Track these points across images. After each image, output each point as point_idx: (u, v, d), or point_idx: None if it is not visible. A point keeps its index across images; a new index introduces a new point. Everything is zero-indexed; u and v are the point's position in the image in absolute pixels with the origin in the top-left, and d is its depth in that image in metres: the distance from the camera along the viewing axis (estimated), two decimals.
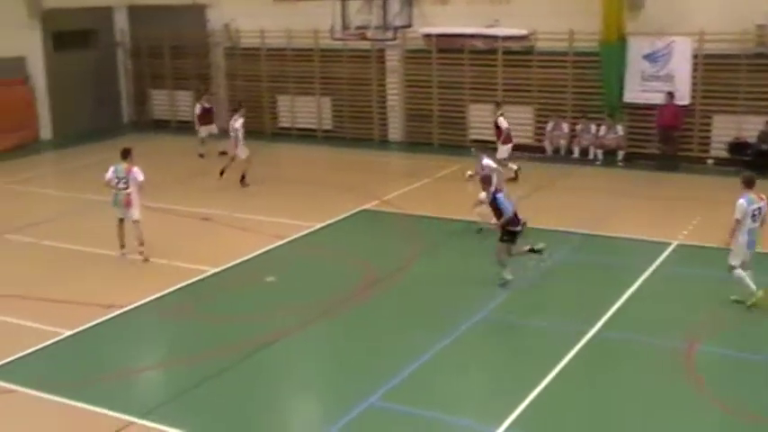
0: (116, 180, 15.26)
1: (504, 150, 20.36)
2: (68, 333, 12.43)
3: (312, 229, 17.18)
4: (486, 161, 16.71)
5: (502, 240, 13.90)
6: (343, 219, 17.91)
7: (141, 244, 15.43)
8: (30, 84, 26.25)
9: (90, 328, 12.65)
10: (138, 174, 15.23)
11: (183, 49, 28.14)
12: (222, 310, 13.43)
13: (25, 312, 13.10)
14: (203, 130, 24.00)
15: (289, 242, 16.47)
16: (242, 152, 20.38)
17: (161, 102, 29.08)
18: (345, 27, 23.16)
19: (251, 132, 25.90)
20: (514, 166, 20.41)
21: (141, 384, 11.51)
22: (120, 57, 29.42)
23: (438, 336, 12.14)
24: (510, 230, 13.79)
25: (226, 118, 22.87)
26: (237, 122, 20.38)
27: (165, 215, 18.33)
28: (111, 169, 15.34)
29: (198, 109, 24.31)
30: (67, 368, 11.59)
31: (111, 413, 10.18)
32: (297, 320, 12.87)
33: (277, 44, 26.55)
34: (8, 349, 11.82)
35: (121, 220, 15.57)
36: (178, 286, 14.18)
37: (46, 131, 26.80)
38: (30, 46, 26.26)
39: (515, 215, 13.85)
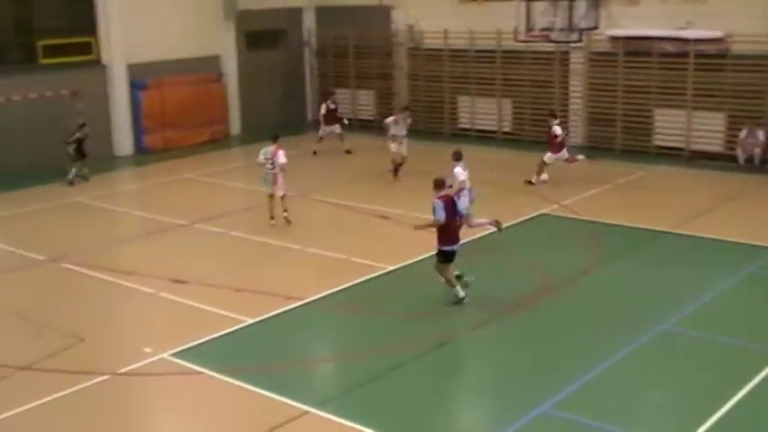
0: (265, 160, 17.20)
1: (551, 157, 20.39)
2: (251, 321, 12.92)
3: (488, 232, 17.03)
4: (458, 169, 15.53)
5: (438, 261, 13.40)
6: (521, 222, 17.69)
7: (285, 210, 17.44)
8: (223, 81, 27.54)
9: (271, 317, 13.10)
10: (281, 157, 17.18)
11: (366, 49, 28.69)
12: (397, 308, 13.56)
13: (212, 299, 13.72)
14: (325, 130, 24.71)
15: (464, 243, 16.38)
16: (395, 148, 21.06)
17: (344, 100, 29.73)
18: (529, 28, 22.82)
19: (430, 133, 26.30)
20: (546, 176, 20.36)
21: (318, 375, 11.80)
22: (306, 56, 30.35)
23: (616, 346, 11.76)
24: (443, 251, 13.31)
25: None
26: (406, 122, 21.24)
27: (345, 211, 18.77)
28: (262, 152, 17.35)
29: (323, 109, 24.94)
30: (248, 355, 12.05)
31: (287, 401, 10.50)
32: (470, 323, 12.82)
33: (460, 45, 26.58)
34: (195, 333, 12.43)
35: (271, 196, 17.41)
36: (356, 282, 14.44)
37: (235, 127, 28.02)
38: (224, 45, 27.56)
39: (453, 236, 13.31)
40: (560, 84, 25.26)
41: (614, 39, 23.89)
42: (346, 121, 25.22)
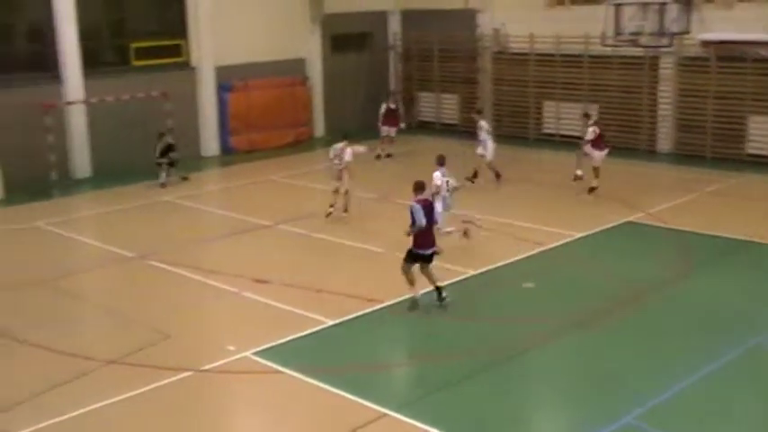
0: (333, 156, 18.21)
1: (599, 157, 19.95)
2: (331, 322, 13.00)
3: (572, 238, 16.82)
4: (437, 174, 15.91)
5: (405, 259, 13.31)
6: (606, 230, 17.38)
7: (345, 211, 18.19)
8: (308, 84, 27.83)
9: (351, 319, 13.15)
10: (349, 155, 18.08)
11: (451, 52, 28.62)
12: (478, 313, 13.47)
13: (293, 299, 13.85)
14: (383, 130, 24.53)
15: (548, 249, 16.23)
16: (488, 153, 20.94)
17: (428, 104, 29.74)
18: (618, 33, 22.43)
19: (514, 138, 26.08)
20: (580, 172, 20.29)
21: (396, 378, 11.81)
22: (391, 59, 30.44)
23: (704, 359, 11.45)
24: (413, 251, 13.23)
25: (491, 121, 23.04)
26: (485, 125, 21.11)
27: None
28: (332, 148, 18.36)
29: (383, 108, 24.78)
30: (328, 356, 12.12)
31: (365, 402, 10.52)
32: (551, 329, 12.64)
33: (545, 49, 26.30)
34: (277, 333, 12.56)
35: (336, 190, 18.20)
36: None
37: (319, 129, 28.27)
38: (310, 48, 27.85)
39: (429, 239, 13.22)
40: (649, 89, 24.75)
41: (706, 43, 23.28)
42: (403, 125, 24.99)
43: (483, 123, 21.30)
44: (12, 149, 21.39)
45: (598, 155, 19.97)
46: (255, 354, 11.90)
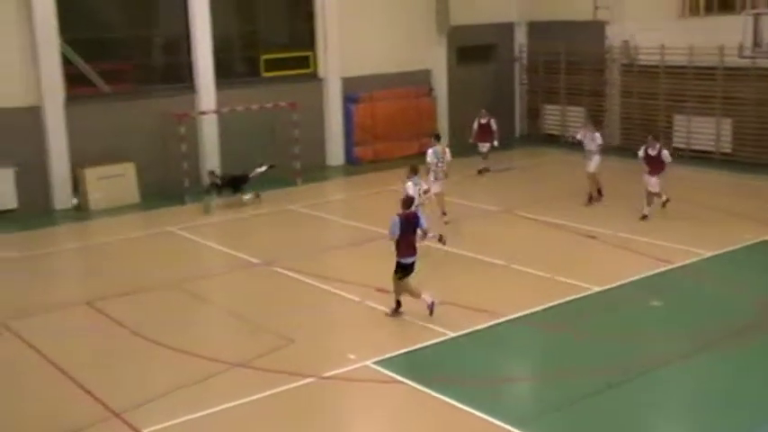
0: (436, 160, 18.59)
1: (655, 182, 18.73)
2: (453, 334, 12.96)
3: (703, 257, 16.24)
4: (408, 184, 16.23)
5: (395, 272, 13.55)
6: (740, 249, 16.69)
7: (444, 213, 18.74)
8: (433, 95, 27.91)
9: (473, 332, 13.08)
10: (448, 154, 18.88)
11: (578, 64, 28.15)
12: (603, 330, 13.18)
13: (415, 310, 13.77)
14: (480, 146, 24.07)
15: (677, 268, 15.73)
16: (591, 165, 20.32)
17: (553, 117, 29.35)
18: (756, 44, 21.58)
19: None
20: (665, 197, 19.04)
21: (516, 393, 11.67)
22: (516, 71, 30.20)
23: None
24: (399, 263, 13.47)
25: (619, 135, 22.55)
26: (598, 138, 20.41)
27: (550, 229, 18.51)
28: (431, 152, 18.78)
29: (476, 124, 24.33)
30: (449, 368, 12.09)
31: (485, 416, 10.42)
32: (681, 350, 12.23)
33: (677, 61, 25.52)
34: (398, 343, 12.67)
35: (438, 194, 18.62)
36: (560, 301, 14.16)
37: (443, 140, 28.19)
38: (435, 60, 27.95)
39: (412, 249, 13.49)
40: None
41: None
42: (496, 143, 24.23)
43: (597, 135, 20.51)
44: (148, 157, 22.35)
45: (655, 181, 18.75)
46: (376, 363, 11.98)
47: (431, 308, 13.50)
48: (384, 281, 14.88)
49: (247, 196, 21.36)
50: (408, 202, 14.08)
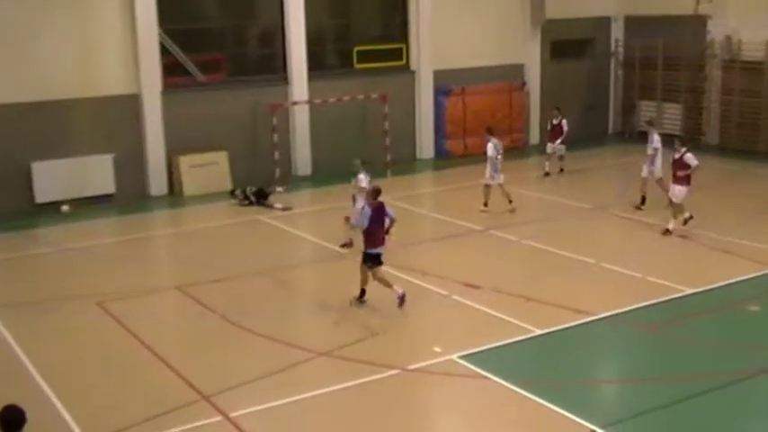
0: (496, 153, 19.12)
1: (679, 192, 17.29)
2: (539, 332, 12.79)
3: None
4: (360, 176, 16.77)
5: (363, 262, 13.72)
6: None
7: (510, 201, 19.19)
8: (525, 90, 27.58)
9: (560, 330, 12.88)
10: (501, 147, 19.33)
11: (676, 60, 27.40)
12: (696, 334, 12.81)
13: (502, 306, 13.74)
14: (549, 146, 23.42)
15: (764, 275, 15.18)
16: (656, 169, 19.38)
17: (648, 113, 28.60)
18: None
19: (742, 151, 24.62)
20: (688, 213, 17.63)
21: (604, 394, 11.44)
22: (612, 66, 29.59)
23: None
24: (366, 253, 13.61)
25: (717, 134, 21.82)
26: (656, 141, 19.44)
27: (643, 228, 18.11)
28: (491, 145, 19.20)
29: (549, 125, 23.71)
30: (534, 365, 11.97)
31: (571, 416, 10.24)
32: None
33: None
34: (484, 338, 12.53)
35: (488, 186, 19.29)
36: (652, 302, 13.82)
37: (534, 136, 27.91)
38: (529, 54, 27.59)
39: (379, 239, 13.60)
40: None
41: None
42: (558, 142, 23.29)
43: (656, 137, 19.51)
44: (240, 146, 22.74)
45: (680, 190, 17.32)
46: (461, 357, 11.91)
47: (401, 299, 13.60)
48: (471, 275, 14.84)
49: (279, 205, 20.90)
50: (376, 192, 14.09)
